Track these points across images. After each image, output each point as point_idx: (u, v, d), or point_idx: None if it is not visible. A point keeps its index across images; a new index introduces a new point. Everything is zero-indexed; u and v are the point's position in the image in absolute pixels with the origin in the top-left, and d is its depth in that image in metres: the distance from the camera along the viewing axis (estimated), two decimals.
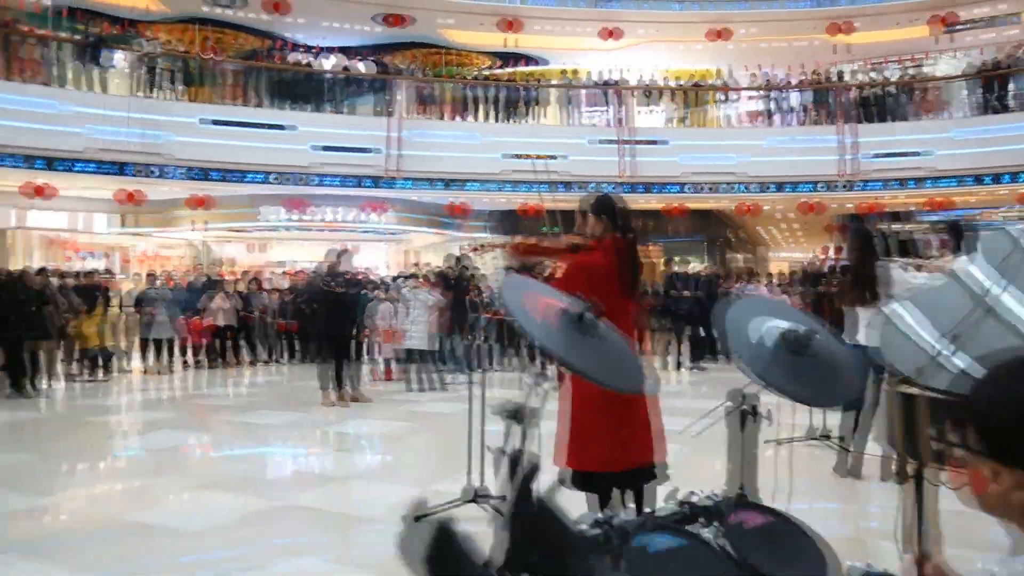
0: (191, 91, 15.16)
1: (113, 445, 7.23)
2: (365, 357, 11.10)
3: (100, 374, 11.11)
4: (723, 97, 17.17)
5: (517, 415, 1.69)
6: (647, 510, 2.66)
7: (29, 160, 12.77)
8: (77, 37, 14.66)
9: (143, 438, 7.26)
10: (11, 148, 12.57)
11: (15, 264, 15.42)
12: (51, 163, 12.97)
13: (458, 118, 16.43)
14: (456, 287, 11.05)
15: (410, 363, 9.88)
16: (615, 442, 3.06)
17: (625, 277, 3.26)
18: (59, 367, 10.75)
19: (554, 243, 3.66)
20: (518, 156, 14.12)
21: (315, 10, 17.02)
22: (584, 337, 1.84)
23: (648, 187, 15.91)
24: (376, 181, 15.42)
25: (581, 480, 3.11)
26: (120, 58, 14.58)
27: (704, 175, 15.91)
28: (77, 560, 3.79)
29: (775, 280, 15.31)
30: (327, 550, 3.94)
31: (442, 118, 16.42)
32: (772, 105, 16.55)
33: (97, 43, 14.07)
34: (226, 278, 14.70)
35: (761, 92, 16.86)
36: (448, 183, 15.79)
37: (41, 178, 13.29)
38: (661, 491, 2.72)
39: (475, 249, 17.10)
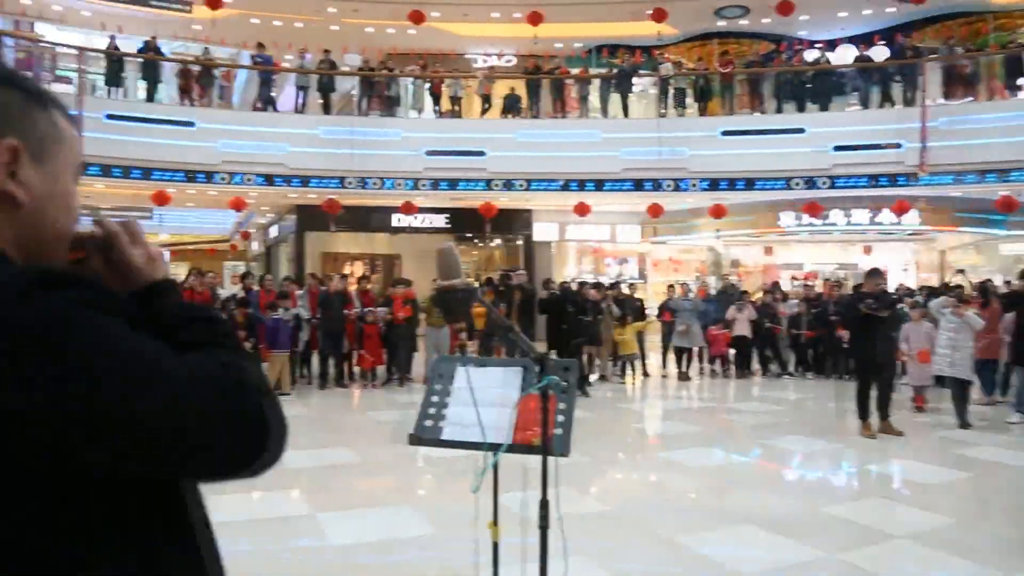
0: (707, 105, 15.76)
1: (647, 456, 7.88)
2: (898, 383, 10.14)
3: (631, 378, 12.37)
4: None
5: None
6: None
7: (567, 184, 14.99)
8: (613, 71, 16.45)
9: (671, 452, 7.72)
10: (558, 175, 14.81)
11: (559, 271, 18.10)
12: (583, 184, 14.99)
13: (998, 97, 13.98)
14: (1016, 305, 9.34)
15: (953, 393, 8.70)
16: None
17: None
18: (595, 368, 12.28)
19: None
20: None
21: (821, 3, 16.20)
22: None
23: None
24: (894, 178, 14.01)
25: None
26: (647, 83, 15.97)
27: None
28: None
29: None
30: None
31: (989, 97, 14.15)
32: None
33: (629, 73, 15.58)
34: (744, 287, 14.97)
35: None
36: (997, 173, 13.51)
37: (579, 199, 15.23)
38: None
39: None
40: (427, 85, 16.20)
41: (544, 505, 2.27)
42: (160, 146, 13.95)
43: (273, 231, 21.63)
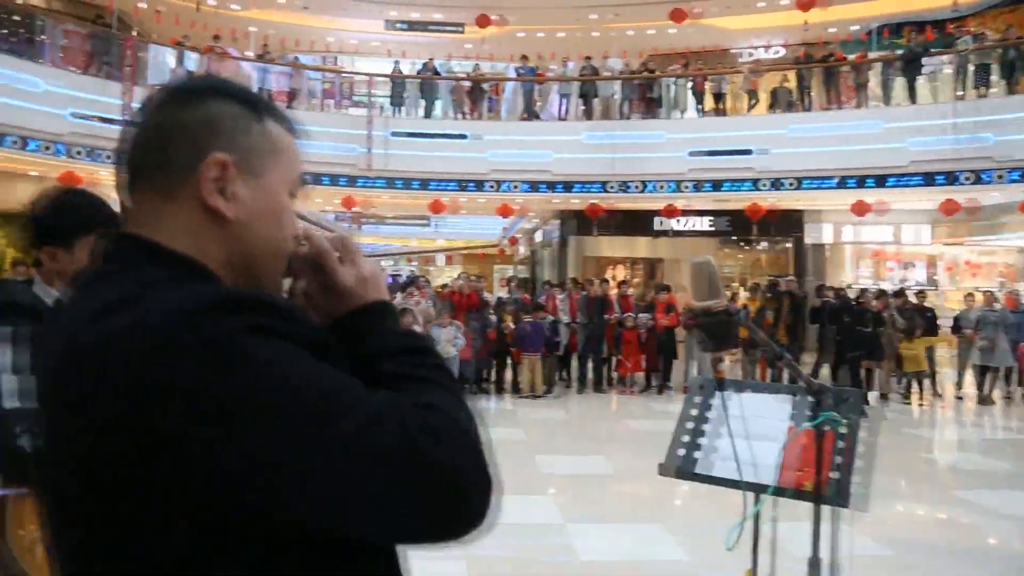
0: (1020, 81, 13.49)
1: (939, 494, 6.85)
2: None
3: (918, 398, 10.91)
4: None
5: None
6: None
7: (843, 181, 13.65)
8: (897, 52, 14.78)
9: (969, 491, 6.64)
10: (832, 172, 13.57)
11: (833, 276, 16.61)
12: (862, 181, 13.56)
13: None
14: None
15: None
16: None
17: None
18: (875, 386, 11.00)
19: None
20: None
21: None
22: None
23: None
24: None
25: None
26: (940, 62, 14.10)
27: None
28: None
29: None
30: None
31: None
32: None
33: (918, 53, 13.88)
34: None
35: None
36: None
37: (857, 196, 13.84)
38: None
39: None
40: (689, 84, 15.74)
41: (815, 565, 1.95)
42: (436, 158, 15.03)
43: (538, 235, 22.40)
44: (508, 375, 11.11)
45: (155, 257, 0.80)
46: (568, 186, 15.21)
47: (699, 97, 15.66)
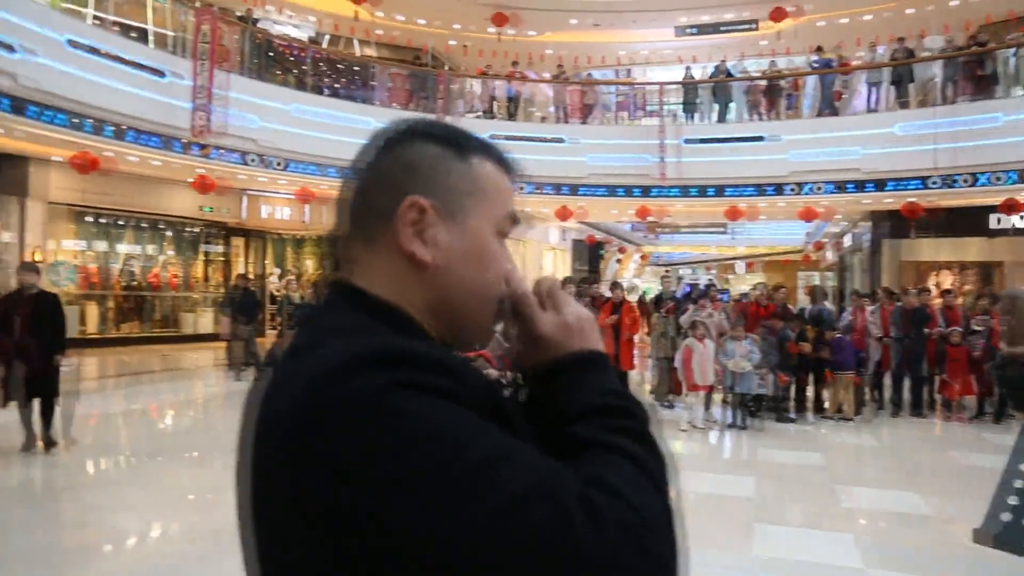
0: None
1: None
2: None
3: None
4: None
5: None
6: None
7: None
8: None
9: None
10: None
11: None
12: None
13: None
14: None
15: None
16: None
17: None
18: None
19: None
20: None
21: None
22: None
23: None
24: None
25: None
26: None
27: None
28: None
29: None
30: None
31: None
32: None
33: None
34: None
35: None
36: None
37: None
38: None
39: None
40: None
41: None
42: (731, 163, 14.50)
43: (847, 240, 20.57)
44: (810, 392, 10.29)
45: (357, 302, 0.80)
46: (880, 184, 13.76)
47: None
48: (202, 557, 4.66)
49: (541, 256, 21.48)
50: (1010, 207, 13.02)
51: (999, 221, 14.75)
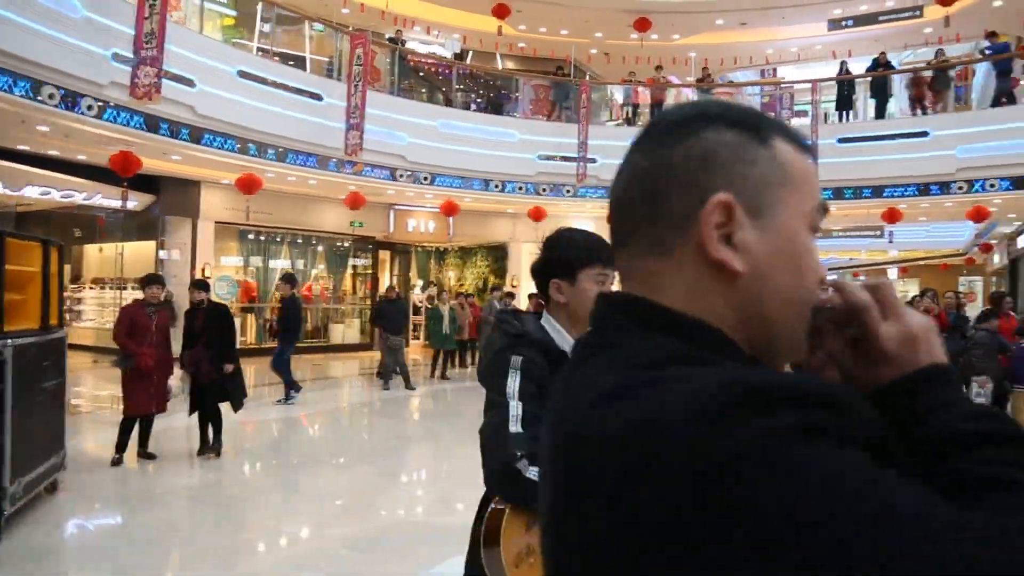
0: None
1: None
2: None
3: None
4: None
5: None
6: None
7: None
8: None
9: None
10: None
11: None
12: None
13: None
14: None
15: None
16: None
17: None
18: None
19: None
20: None
21: None
22: None
23: None
24: None
25: None
26: None
27: None
28: None
29: None
30: None
31: None
32: None
33: None
34: None
35: None
36: None
37: None
38: None
39: None
40: None
41: None
42: (891, 162, 13.61)
43: (1020, 240, 18.84)
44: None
45: (658, 322, 0.69)
46: None
47: None
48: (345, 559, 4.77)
49: None
50: None
51: None
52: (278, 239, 17.57)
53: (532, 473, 1.69)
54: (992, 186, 13.16)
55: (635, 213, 0.72)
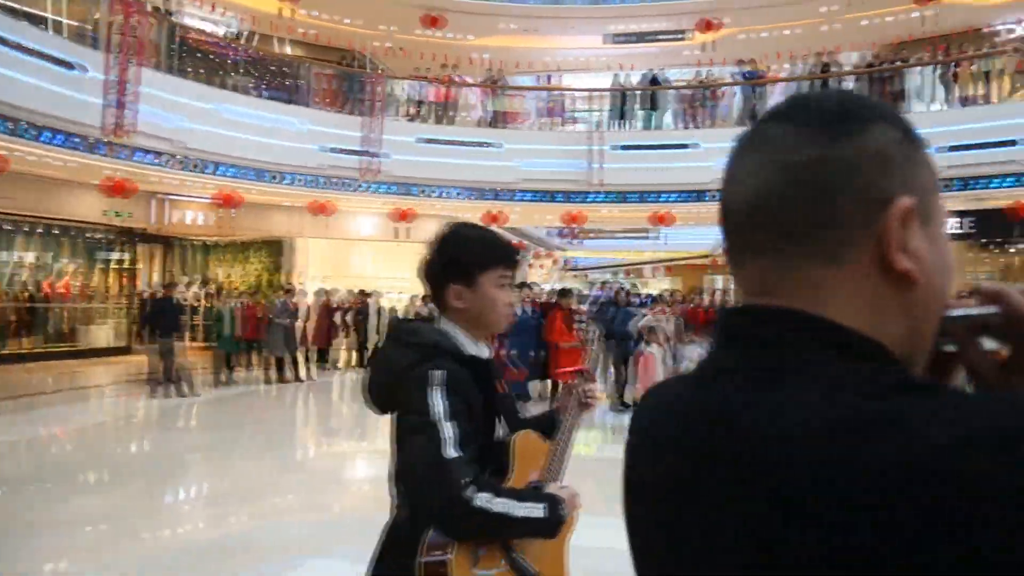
0: None
1: None
2: None
3: None
4: None
5: None
6: None
7: None
8: None
9: None
10: None
11: None
12: None
13: None
14: None
15: None
16: None
17: None
18: None
19: None
20: None
21: None
22: None
23: None
24: None
25: None
26: None
27: None
28: None
29: None
30: None
31: None
32: None
33: None
34: None
35: None
36: None
37: None
38: None
39: None
40: (939, 72, 14.34)
41: None
42: (659, 169, 14.78)
43: None
44: None
45: (832, 341, 0.62)
46: None
47: (949, 86, 14.24)
48: None
49: None
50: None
51: None
52: (24, 228, 15.32)
53: (482, 500, 1.51)
54: None
55: (791, 215, 0.64)
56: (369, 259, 19.47)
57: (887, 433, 0.55)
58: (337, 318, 15.33)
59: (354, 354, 16.02)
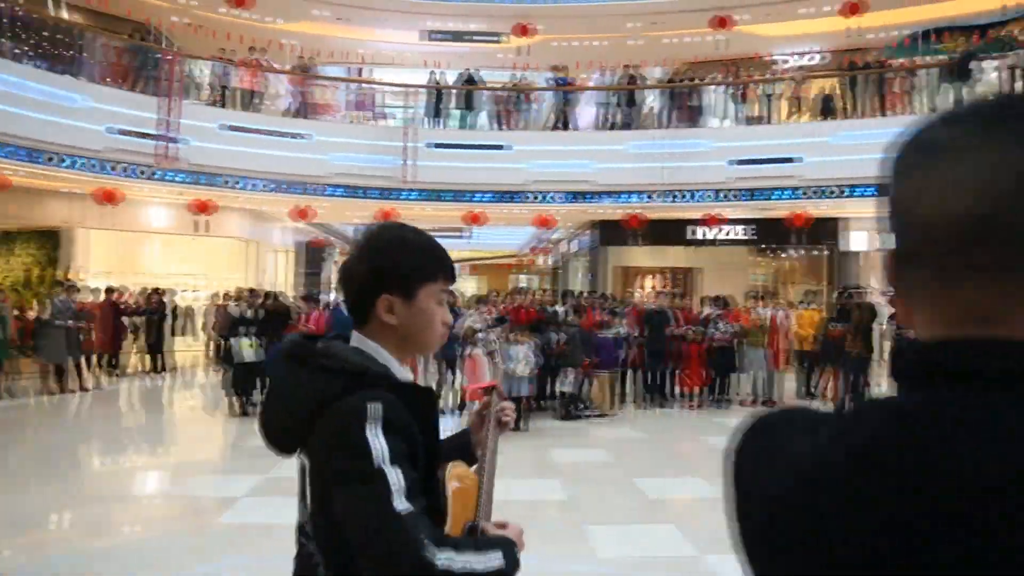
0: None
1: None
2: None
3: None
4: None
5: None
6: None
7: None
8: (940, 58, 14.66)
9: None
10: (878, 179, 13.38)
11: (865, 284, 16.45)
12: None
13: None
14: None
15: None
16: None
17: None
18: None
19: None
20: None
21: None
22: None
23: None
24: None
25: None
26: (990, 68, 13.93)
27: None
28: None
29: None
30: None
31: None
32: None
33: (967, 58, 13.73)
34: None
35: None
36: None
37: None
38: None
39: None
40: (730, 92, 15.61)
41: None
42: (474, 169, 14.83)
43: (568, 245, 22.23)
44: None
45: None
46: (611, 196, 15.06)
47: (741, 105, 15.54)
48: None
49: (266, 258, 20.10)
50: (712, 221, 15.05)
51: (693, 232, 17.07)
52: None
53: (443, 560, 1.24)
54: (555, 198, 15.20)
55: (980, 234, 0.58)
56: (161, 253, 17.93)
57: None
58: (126, 319, 13.91)
59: (147, 358, 14.60)
